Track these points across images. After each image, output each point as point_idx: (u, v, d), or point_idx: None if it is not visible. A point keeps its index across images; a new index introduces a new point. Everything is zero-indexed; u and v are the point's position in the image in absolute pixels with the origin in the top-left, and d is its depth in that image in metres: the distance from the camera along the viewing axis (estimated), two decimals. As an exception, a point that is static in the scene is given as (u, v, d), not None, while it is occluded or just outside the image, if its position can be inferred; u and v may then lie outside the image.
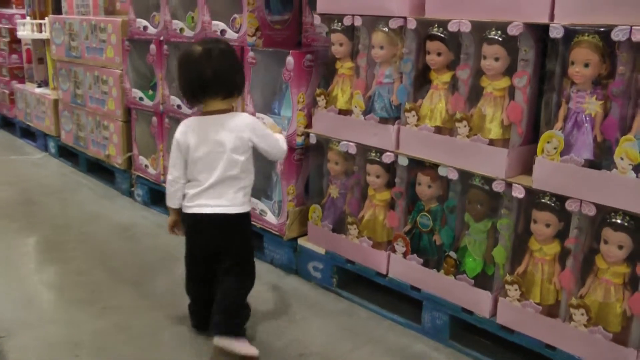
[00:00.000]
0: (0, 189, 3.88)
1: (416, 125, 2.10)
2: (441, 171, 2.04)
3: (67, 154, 4.48)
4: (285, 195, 2.63)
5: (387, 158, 2.21)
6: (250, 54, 2.67)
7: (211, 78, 1.93)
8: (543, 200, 1.79)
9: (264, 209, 2.74)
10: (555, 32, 1.68)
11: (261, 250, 2.81)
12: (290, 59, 2.49)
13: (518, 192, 1.83)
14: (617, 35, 1.56)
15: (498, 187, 1.88)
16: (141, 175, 3.56)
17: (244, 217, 2.04)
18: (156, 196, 3.49)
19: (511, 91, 1.88)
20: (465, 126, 1.95)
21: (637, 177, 1.57)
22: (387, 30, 2.17)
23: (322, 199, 2.56)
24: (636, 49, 1.58)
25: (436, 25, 2.00)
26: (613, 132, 1.64)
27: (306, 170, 2.66)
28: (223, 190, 1.97)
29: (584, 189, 1.67)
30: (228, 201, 1.97)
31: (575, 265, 1.76)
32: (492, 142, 1.92)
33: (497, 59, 1.87)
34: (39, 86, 4.95)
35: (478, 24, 1.88)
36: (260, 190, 2.77)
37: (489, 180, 1.91)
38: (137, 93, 3.46)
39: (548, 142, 1.73)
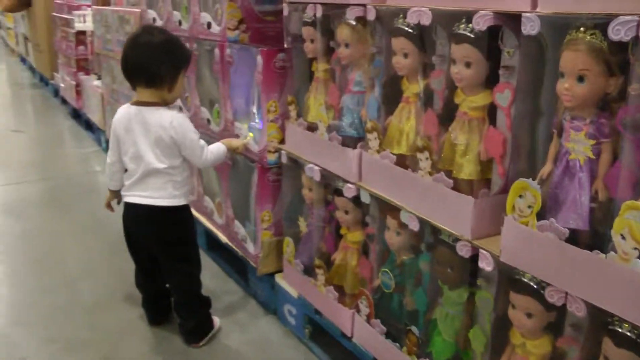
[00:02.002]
0: (29, 185, 3.76)
1: (378, 152, 1.56)
2: (402, 217, 1.49)
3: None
4: (259, 222, 2.16)
5: (349, 191, 1.68)
6: (227, 51, 2.22)
7: (131, 65, 1.92)
8: (521, 279, 1.19)
9: (244, 235, 2.30)
10: (529, 27, 1.07)
11: (246, 282, 2.39)
12: (259, 59, 2.01)
13: (485, 263, 1.24)
14: (616, 31, 0.93)
15: (462, 250, 1.30)
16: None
17: (174, 210, 1.96)
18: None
19: (493, 112, 1.28)
20: (427, 158, 1.38)
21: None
22: (353, 23, 1.63)
23: (299, 230, 2.07)
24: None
25: (401, 16, 1.44)
26: (623, 186, 1.02)
27: (289, 193, 2.18)
28: (151, 183, 1.93)
29: (567, 276, 1.06)
30: (156, 193, 1.93)
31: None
32: (463, 184, 1.33)
33: (468, 64, 1.28)
34: (99, 78, 4.81)
35: (446, 14, 1.30)
36: (241, 213, 2.33)
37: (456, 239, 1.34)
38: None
39: (520, 197, 1.13)
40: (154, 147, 1.90)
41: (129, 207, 1.99)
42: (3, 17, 10.67)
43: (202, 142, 1.96)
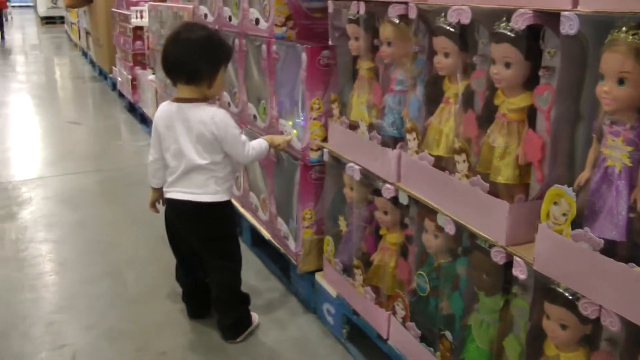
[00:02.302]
0: (85, 176, 3.88)
1: (417, 152, 1.53)
2: (439, 220, 1.46)
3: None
4: (300, 220, 2.17)
5: (387, 192, 1.66)
6: (274, 47, 2.23)
7: (171, 62, 1.93)
8: (555, 289, 1.15)
9: (287, 232, 2.31)
10: (568, 26, 1.03)
11: (288, 279, 2.40)
12: (303, 56, 2.01)
13: (519, 271, 1.20)
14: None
15: (497, 256, 1.27)
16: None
17: (217, 206, 1.98)
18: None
19: (533, 114, 1.24)
20: (464, 161, 1.35)
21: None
22: (396, 21, 1.60)
23: (339, 229, 2.06)
24: None
25: (443, 15, 1.41)
26: (665, 196, 0.97)
27: (331, 191, 2.17)
28: (194, 179, 1.94)
29: (601, 289, 1.02)
30: (199, 189, 1.94)
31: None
32: (501, 188, 1.30)
33: (507, 65, 1.24)
34: (154, 73, 4.92)
35: (486, 12, 1.26)
36: (284, 210, 2.34)
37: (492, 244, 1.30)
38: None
39: (555, 204, 1.09)
40: (196, 144, 1.91)
41: (172, 203, 2.01)
42: (68, 13, 11.05)
43: (243, 137, 1.97)
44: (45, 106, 6.34)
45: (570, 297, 1.12)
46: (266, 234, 2.52)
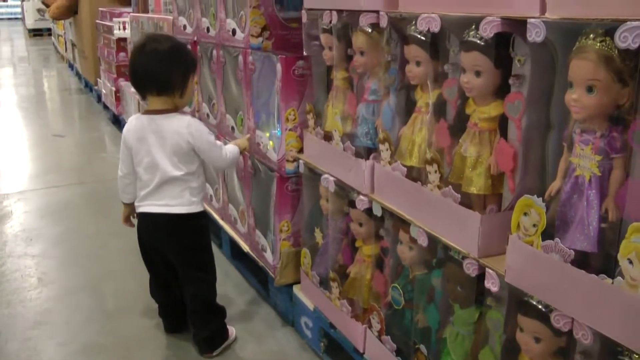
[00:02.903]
0: (68, 189, 3.85)
1: (389, 163, 1.51)
2: (412, 231, 1.43)
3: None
4: (277, 232, 2.13)
5: (361, 203, 1.63)
6: (250, 58, 2.21)
7: (141, 74, 1.91)
8: (528, 301, 1.12)
9: (265, 245, 2.28)
10: (535, 33, 1.01)
11: (267, 292, 2.37)
12: (278, 66, 1.99)
13: (491, 283, 1.18)
14: (624, 38, 0.87)
15: (469, 268, 1.24)
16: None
17: (192, 217, 1.96)
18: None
19: (504, 123, 1.22)
20: (435, 171, 1.32)
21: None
22: (369, 30, 1.58)
23: (316, 242, 2.03)
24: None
25: (413, 23, 1.39)
26: (632, 206, 0.94)
27: (308, 203, 2.14)
28: (168, 191, 1.92)
29: (573, 301, 0.99)
30: (174, 201, 1.92)
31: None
32: (474, 199, 1.27)
33: (477, 73, 1.22)
34: (137, 85, 4.87)
35: (455, 20, 1.24)
36: (262, 222, 2.31)
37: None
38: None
39: (525, 214, 1.06)
40: (171, 155, 1.89)
41: (145, 217, 1.98)
42: (55, 25, 11.01)
43: (218, 142, 1.97)
44: (31, 118, 6.29)
45: (543, 310, 1.10)
46: (245, 246, 2.48)
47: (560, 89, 1.04)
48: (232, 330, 2.09)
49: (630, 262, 0.88)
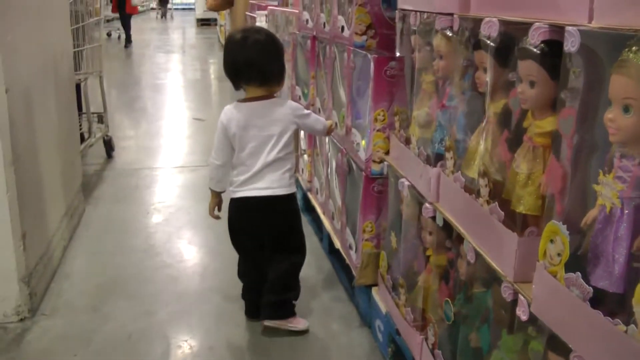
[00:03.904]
0: (204, 169, 4.09)
1: (452, 172, 1.44)
2: (465, 246, 1.36)
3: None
4: (360, 232, 2.13)
5: (427, 211, 1.58)
6: (351, 56, 2.21)
7: (243, 65, 1.99)
8: (556, 335, 1.02)
9: (352, 243, 2.29)
10: (570, 42, 0.91)
11: (353, 291, 2.38)
12: (371, 66, 1.97)
13: (522, 311, 1.09)
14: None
15: (506, 292, 1.16)
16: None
17: (291, 198, 2.07)
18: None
19: (558, 140, 1.12)
20: (486, 185, 1.25)
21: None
22: (449, 33, 1.52)
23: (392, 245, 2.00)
24: None
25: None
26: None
27: (393, 206, 2.10)
28: (270, 174, 2.01)
29: (588, 343, 0.89)
30: (275, 183, 2.01)
31: None
32: (521, 219, 1.18)
33: (532, 84, 1.13)
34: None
35: (514, 25, 1.16)
36: (352, 221, 2.31)
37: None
38: (298, 91, 3.25)
39: (551, 242, 0.97)
40: (278, 138, 2.01)
41: (245, 201, 2.03)
42: (218, 16, 11.74)
43: (313, 113, 2.19)
44: (194, 101, 6.76)
45: (567, 346, 1.00)
46: (337, 243, 2.50)
47: (604, 107, 0.93)
48: (304, 323, 2.11)
49: (643, 308, 0.78)
